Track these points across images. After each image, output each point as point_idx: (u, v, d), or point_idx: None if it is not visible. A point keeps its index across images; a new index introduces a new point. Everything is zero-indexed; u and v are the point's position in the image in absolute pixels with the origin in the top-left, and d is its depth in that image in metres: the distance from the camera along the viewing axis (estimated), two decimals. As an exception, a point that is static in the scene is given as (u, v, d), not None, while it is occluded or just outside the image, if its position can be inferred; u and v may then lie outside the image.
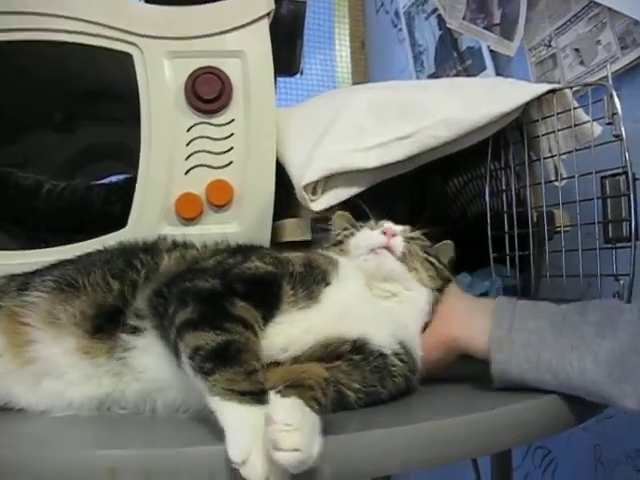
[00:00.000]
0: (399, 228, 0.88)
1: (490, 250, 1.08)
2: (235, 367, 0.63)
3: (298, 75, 1.87)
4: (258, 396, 0.62)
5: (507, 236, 1.07)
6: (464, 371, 0.85)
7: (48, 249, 0.98)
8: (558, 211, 1.05)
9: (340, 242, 0.89)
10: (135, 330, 0.74)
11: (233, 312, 0.69)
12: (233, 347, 0.65)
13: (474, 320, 0.81)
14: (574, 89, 1.00)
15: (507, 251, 1.07)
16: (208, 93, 0.99)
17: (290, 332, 0.73)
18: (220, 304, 0.70)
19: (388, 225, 0.87)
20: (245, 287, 0.72)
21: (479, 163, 1.28)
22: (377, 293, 0.82)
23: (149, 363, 0.74)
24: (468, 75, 1.70)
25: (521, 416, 0.74)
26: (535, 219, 1.06)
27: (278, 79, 1.47)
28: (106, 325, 0.76)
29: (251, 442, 0.57)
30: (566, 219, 1.05)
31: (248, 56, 1.02)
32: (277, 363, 0.72)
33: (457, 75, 1.73)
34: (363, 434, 0.65)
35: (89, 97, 1.40)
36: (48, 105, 1.40)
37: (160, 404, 0.75)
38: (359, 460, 0.65)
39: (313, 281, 0.76)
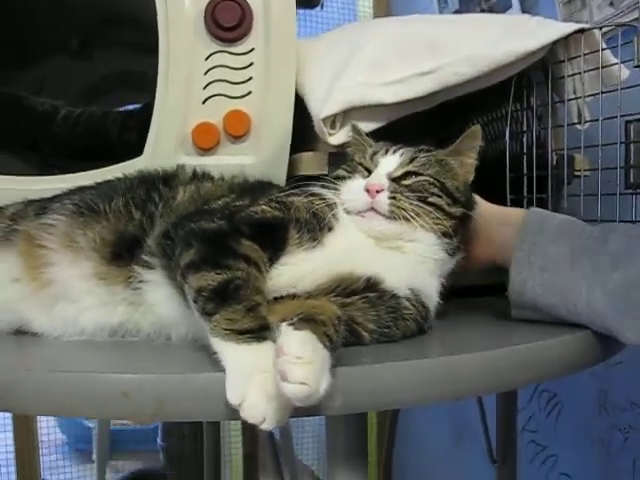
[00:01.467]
0: (390, 167, 0.81)
1: (507, 192, 1.07)
2: (234, 305, 0.63)
3: (318, 8, 1.83)
4: (258, 333, 0.62)
5: (525, 178, 1.06)
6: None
7: (63, 175, 0.98)
8: (579, 155, 1.04)
9: (339, 178, 0.84)
10: (148, 265, 0.75)
11: (237, 249, 0.69)
12: (233, 284, 0.65)
13: (506, 236, 0.84)
14: (603, 30, 0.98)
15: (525, 193, 1.06)
16: (228, 21, 0.97)
17: (296, 271, 0.73)
18: (224, 243, 0.70)
19: (373, 182, 0.78)
20: (251, 230, 0.72)
21: (499, 104, 1.26)
22: (380, 244, 0.80)
23: (161, 298, 0.75)
24: (492, 12, 1.66)
25: (532, 355, 0.75)
26: (555, 162, 1.05)
27: (298, 11, 1.44)
28: (125, 254, 0.76)
29: (247, 384, 0.58)
30: (586, 164, 1.03)
31: (270, -17, 0.99)
32: (292, 296, 0.73)
33: (481, 12, 1.69)
34: (374, 367, 0.66)
35: (106, 23, 1.38)
36: (64, 31, 1.38)
37: (173, 336, 0.76)
38: (369, 392, 0.66)
39: (318, 227, 0.75)
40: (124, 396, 0.61)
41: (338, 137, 0.96)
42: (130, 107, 1.10)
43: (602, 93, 0.95)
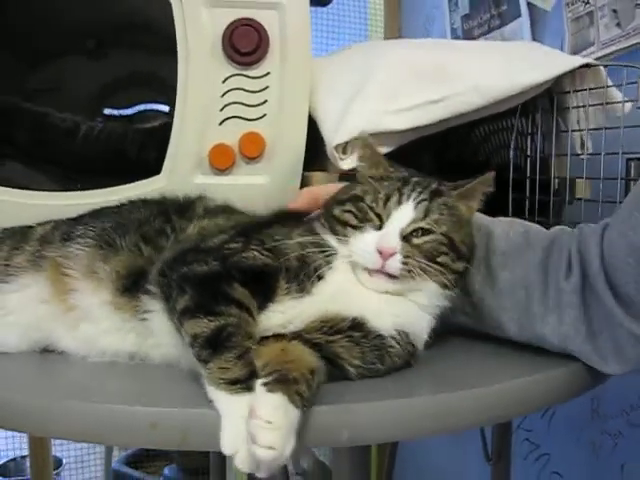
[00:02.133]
0: (403, 222, 0.77)
1: (510, 213, 1.10)
2: (226, 353, 0.66)
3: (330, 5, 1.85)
4: (247, 382, 0.65)
5: (527, 201, 1.09)
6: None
7: (84, 192, 1.01)
8: (580, 180, 1.08)
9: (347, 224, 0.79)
10: (153, 294, 0.78)
11: (230, 294, 0.71)
12: (225, 332, 0.67)
13: None
14: (608, 65, 1.01)
15: (526, 215, 1.10)
16: (245, 46, 1.00)
17: (284, 317, 0.75)
18: (217, 288, 0.71)
19: (386, 244, 0.75)
20: (243, 275, 0.73)
21: (506, 116, 1.29)
22: None
23: (165, 329, 0.77)
24: (501, 20, 1.68)
25: (523, 391, 0.79)
26: (556, 187, 1.09)
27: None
28: (133, 286, 0.80)
29: (239, 436, 0.62)
30: (587, 189, 1.07)
31: (286, 8, 1.02)
32: (278, 336, 0.75)
33: (490, 19, 1.71)
34: (377, 404, 0.70)
35: (123, 26, 1.40)
36: (80, 30, 1.40)
37: (184, 366, 0.78)
38: (373, 427, 0.70)
39: (307, 277, 0.75)
40: (152, 427, 0.66)
41: (350, 162, 0.99)
42: (148, 125, 1.13)
43: (605, 129, 0.99)
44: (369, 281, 0.76)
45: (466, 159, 1.48)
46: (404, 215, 0.77)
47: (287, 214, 0.89)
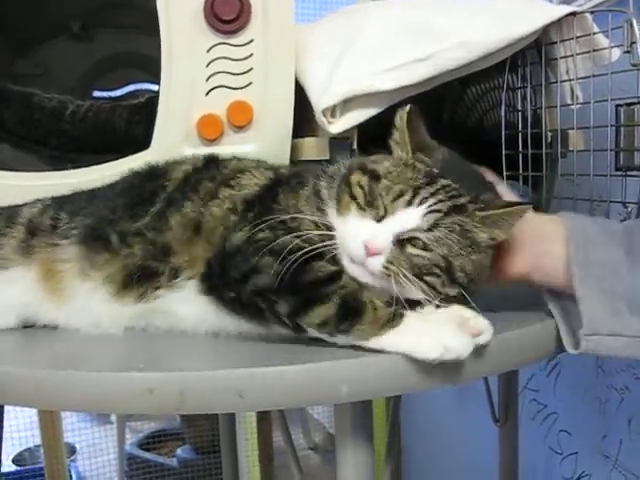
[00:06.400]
0: (405, 226, 0.72)
1: (504, 169, 1.10)
2: (364, 310, 0.70)
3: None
4: (397, 314, 0.70)
5: (521, 156, 1.09)
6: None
7: (74, 170, 1.01)
8: (572, 131, 1.07)
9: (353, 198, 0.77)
10: (170, 286, 0.80)
11: (313, 276, 0.72)
12: (349, 300, 0.70)
13: (543, 251, 0.78)
14: (594, 12, 0.99)
15: (520, 170, 1.09)
16: (228, 13, 0.99)
17: None
18: (298, 281, 0.72)
19: (374, 242, 0.72)
20: (303, 259, 0.72)
21: (498, 74, 1.28)
22: None
23: (181, 305, 0.80)
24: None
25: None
26: (549, 140, 1.08)
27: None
28: (136, 284, 0.81)
29: (438, 334, 0.68)
30: (580, 141, 1.06)
31: (266, -26, 1.01)
32: None
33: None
34: (374, 358, 0.70)
35: (105, 6, 1.40)
36: (64, 14, 1.40)
37: (190, 330, 0.81)
38: (372, 381, 0.70)
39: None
40: (149, 392, 0.67)
41: (338, 125, 0.98)
42: (135, 101, 1.12)
43: (594, 76, 0.98)
44: (350, 267, 0.74)
45: (459, 121, 1.47)
46: (408, 219, 0.72)
47: (282, 177, 0.88)
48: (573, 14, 0.99)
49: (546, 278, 0.79)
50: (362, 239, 0.72)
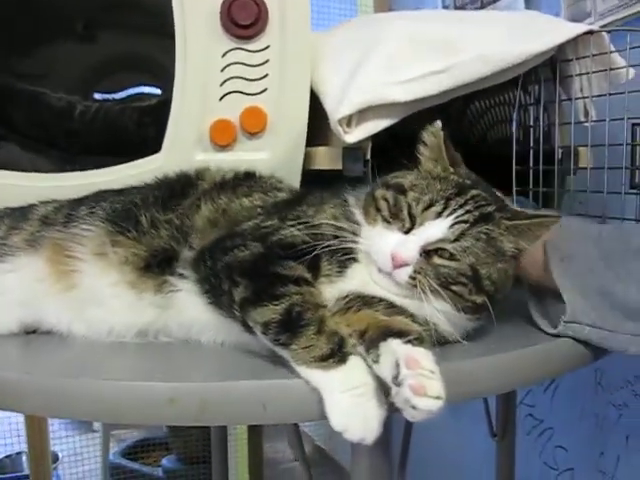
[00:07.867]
0: (432, 237, 0.73)
1: (514, 185, 1.09)
2: (304, 331, 0.65)
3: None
4: (339, 354, 0.64)
5: (531, 172, 1.08)
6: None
7: (83, 172, 1.00)
8: (583, 149, 1.07)
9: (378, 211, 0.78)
10: (183, 276, 0.78)
11: (283, 274, 0.70)
12: (294, 311, 0.67)
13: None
14: (611, 31, 1.00)
15: (530, 186, 1.09)
16: (245, 18, 0.98)
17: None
18: (268, 271, 0.71)
19: (401, 253, 0.72)
20: (286, 253, 0.73)
21: (503, 90, 1.29)
22: None
23: (191, 305, 0.78)
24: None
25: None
26: (560, 157, 1.08)
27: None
28: (156, 266, 0.79)
29: (347, 409, 0.62)
30: (590, 158, 1.06)
31: (284, -20, 1.00)
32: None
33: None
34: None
35: (111, 6, 1.38)
36: (68, 14, 1.38)
37: (203, 339, 0.79)
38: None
39: (343, 257, 0.76)
40: (170, 402, 0.65)
41: (354, 135, 0.97)
42: (145, 103, 1.11)
43: (610, 95, 0.98)
44: (377, 277, 0.75)
45: (462, 136, 1.47)
46: (436, 230, 0.73)
47: (316, 193, 0.88)
48: (590, 32, 0.99)
49: (527, 273, 0.81)
50: (389, 250, 0.73)
